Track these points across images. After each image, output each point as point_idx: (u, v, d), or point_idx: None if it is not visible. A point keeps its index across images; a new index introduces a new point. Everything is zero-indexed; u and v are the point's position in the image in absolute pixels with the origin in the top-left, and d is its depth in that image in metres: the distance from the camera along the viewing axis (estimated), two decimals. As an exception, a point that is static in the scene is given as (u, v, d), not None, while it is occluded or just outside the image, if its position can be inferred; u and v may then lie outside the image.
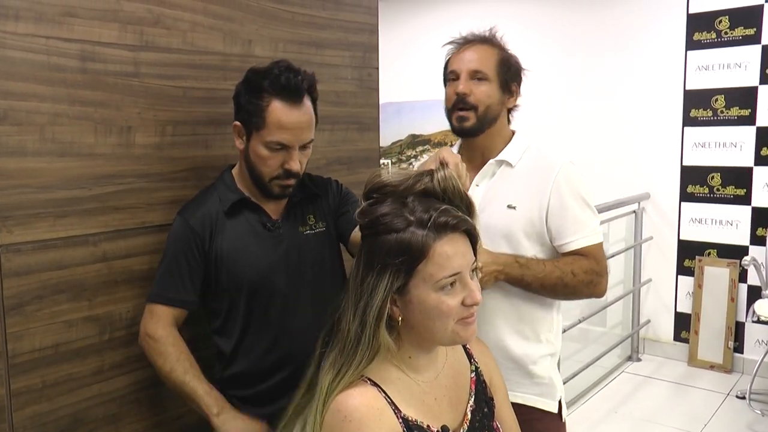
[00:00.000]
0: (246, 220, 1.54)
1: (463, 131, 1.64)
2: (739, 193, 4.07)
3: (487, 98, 1.61)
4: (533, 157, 1.65)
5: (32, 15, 1.36)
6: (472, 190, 1.63)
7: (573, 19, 4.56)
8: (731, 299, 4.09)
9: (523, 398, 1.62)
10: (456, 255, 1.06)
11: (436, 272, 1.05)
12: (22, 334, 1.38)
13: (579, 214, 1.60)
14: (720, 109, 4.09)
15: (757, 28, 3.92)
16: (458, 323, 1.07)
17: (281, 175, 1.49)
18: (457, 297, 1.07)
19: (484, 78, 1.61)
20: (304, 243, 1.58)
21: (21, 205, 1.37)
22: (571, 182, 1.60)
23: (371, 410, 1.03)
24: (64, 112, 1.42)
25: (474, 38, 1.66)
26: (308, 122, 1.48)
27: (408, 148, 5.80)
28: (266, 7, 1.81)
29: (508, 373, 1.59)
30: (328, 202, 1.65)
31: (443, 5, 5.28)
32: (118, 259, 1.54)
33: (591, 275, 1.58)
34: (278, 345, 1.54)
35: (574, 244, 1.59)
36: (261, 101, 1.44)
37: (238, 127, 1.50)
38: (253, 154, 1.48)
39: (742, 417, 3.52)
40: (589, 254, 1.59)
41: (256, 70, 1.48)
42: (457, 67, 1.63)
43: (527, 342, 1.63)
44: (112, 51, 1.49)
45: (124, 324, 1.56)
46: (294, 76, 1.45)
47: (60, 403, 1.46)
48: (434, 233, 1.05)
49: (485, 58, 1.62)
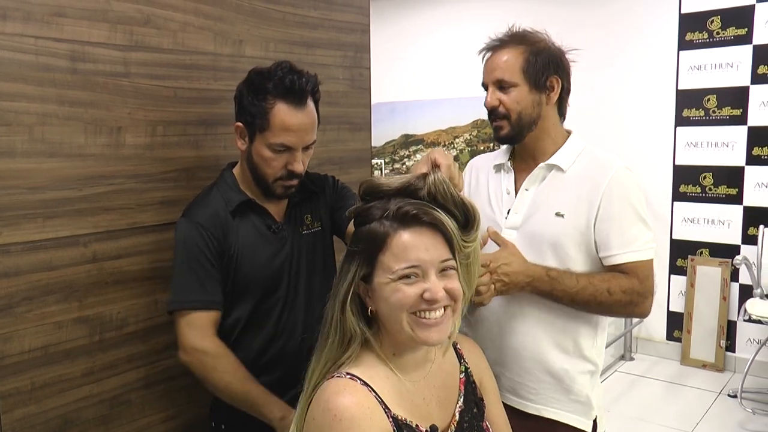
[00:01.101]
0: (251, 222, 1.54)
1: (501, 140, 1.60)
2: (731, 193, 4.09)
3: (517, 104, 1.53)
4: (586, 162, 1.56)
5: (21, 15, 1.35)
6: (520, 194, 1.58)
7: (565, 19, 4.57)
8: (723, 298, 4.11)
9: (557, 414, 1.54)
10: (416, 248, 1.06)
11: (392, 263, 1.06)
12: (11, 336, 1.37)
13: (628, 225, 1.48)
14: (712, 109, 4.11)
15: (748, 28, 3.94)
16: (413, 318, 1.06)
17: (284, 176, 1.49)
18: (417, 288, 1.06)
19: (511, 85, 1.53)
20: (303, 244, 1.60)
21: (10, 206, 1.36)
22: (624, 190, 1.50)
23: (362, 409, 1.03)
24: (53, 113, 1.41)
25: (500, 41, 1.58)
26: (312, 124, 1.49)
27: (401, 148, 5.80)
28: (257, 6, 1.81)
29: (544, 388, 1.54)
30: (325, 198, 1.66)
31: (437, 5, 5.29)
32: (109, 260, 1.53)
33: (630, 295, 1.46)
34: (273, 344, 1.55)
35: (619, 257, 1.47)
36: (265, 103, 1.44)
37: (240, 128, 1.50)
38: (257, 156, 1.48)
39: (733, 415, 3.54)
40: (633, 271, 1.47)
41: (260, 72, 1.48)
42: (485, 79, 1.58)
43: (567, 356, 1.54)
44: (102, 51, 1.49)
45: (114, 325, 1.55)
46: (298, 78, 1.45)
47: (50, 405, 1.45)
48: (397, 224, 1.07)
49: (509, 64, 1.54)
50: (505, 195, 1.62)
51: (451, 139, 5.46)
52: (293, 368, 1.43)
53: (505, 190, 1.62)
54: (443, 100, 5.38)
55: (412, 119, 5.64)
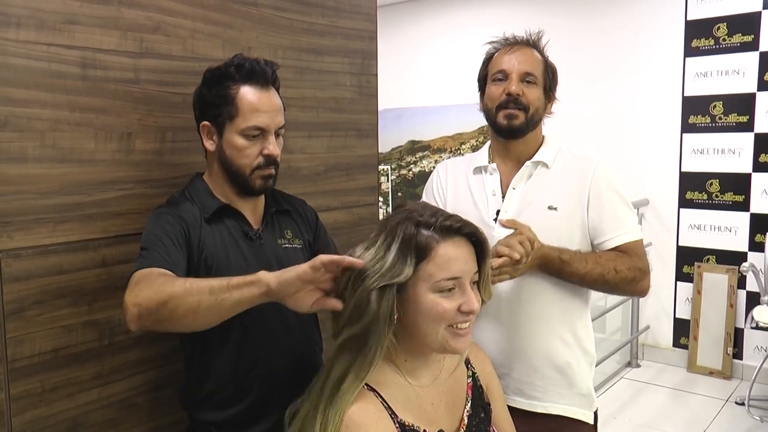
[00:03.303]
0: (227, 228, 1.47)
1: (512, 129, 1.60)
2: (737, 200, 4.08)
3: (537, 101, 1.60)
4: (567, 158, 1.65)
5: (34, 22, 1.37)
6: (509, 194, 1.62)
7: (572, 27, 4.59)
8: (730, 305, 4.10)
9: (564, 410, 1.58)
10: (458, 259, 1.08)
11: (436, 273, 1.06)
12: (22, 339, 1.39)
13: (618, 210, 1.58)
14: (718, 116, 4.11)
15: (755, 34, 3.94)
16: (449, 330, 1.08)
17: (261, 164, 1.44)
18: (455, 302, 1.08)
19: (534, 81, 1.60)
20: (283, 255, 1.52)
21: (21, 211, 1.38)
22: (609, 179, 1.60)
23: (368, 415, 1.04)
24: (64, 119, 1.43)
25: (519, 41, 1.65)
26: (279, 106, 1.46)
27: (407, 154, 5.82)
28: (266, 14, 1.83)
29: (552, 384, 1.57)
30: (307, 223, 1.61)
31: (445, 12, 5.31)
32: (118, 265, 1.54)
33: (635, 272, 1.53)
34: (257, 361, 1.45)
35: (614, 240, 1.56)
36: (229, 90, 1.40)
37: (206, 127, 1.45)
38: (229, 148, 1.43)
39: (741, 423, 3.52)
40: (631, 251, 1.56)
41: (214, 68, 1.45)
42: (507, 67, 1.60)
43: (570, 349, 1.59)
44: (113, 58, 1.50)
45: (123, 329, 1.56)
46: (257, 62, 1.42)
47: (59, 408, 1.46)
48: (439, 235, 1.07)
49: (535, 62, 1.62)
50: (491, 196, 1.65)
51: (458, 145, 5.48)
52: (278, 389, 1.41)
53: (490, 191, 1.65)
54: (450, 107, 5.39)
55: (418, 125, 5.66)
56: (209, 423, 1.46)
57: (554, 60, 1.69)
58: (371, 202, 2.21)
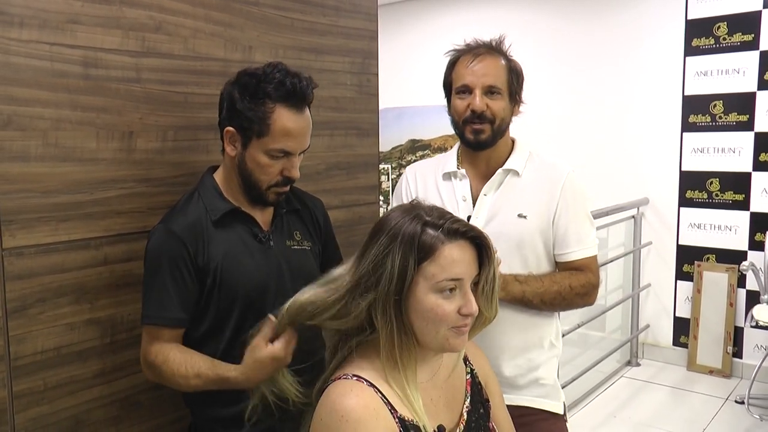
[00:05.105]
0: (236, 231, 1.47)
1: (479, 144, 1.62)
2: (737, 199, 4.09)
3: (502, 111, 1.61)
4: (537, 166, 1.66)
5: (36, 22, 1.38)
6: (480, 200, 1.64)
7: (572, 26, 4.59)
8: (730, 304, 4.11)
9: (531, 401, 1.64)
10: (461, 262, 1.09)
11: (439, 273, 1.07)
12: (25, 337, 1.40)
13: (581, 225, 1.62)
14: (718, 115, 4.11)
15: (755, 33, 3.94)
16: (450, 331, 1.09)
17: (279, 182, 1.44)
18: (455, 304, 1.09)
19: (498, 92, 1.60)
20: (292, 257, 1.52)
21: (24, 210, 1.38)
22: (576, 193, 1.63)
23: (368, 410, 1.05)
24: (66, 118, 1.44)
25: (481, 47, 1.63)
26: (309, 128, 1.45)
27: (408, 153, 5.82)
28: (267, 13, 1.83)
29: (515, 378, 1.63)
30: (313, 227, 1.61)
31: (444, 11, 5.31)
32: (120, 263, 1.55)
33: (587, 288, 1.61)
34: None
35: (574, 254, 1.61)
36: (264, 107, 1.37)
37: (231, 133, 1.42)
38: (252, 162, 1.42)
39: (740, 422, 3.53)
40: (586, 267, 1.62)
41: (252, 73, 1.41)
42: (470, 81, 1.59)
43: (533, 347, 1.65)
44: (115, 57, 1.51)
45: (125, 327, 1.57)
46: (298, 81, 1.40)
47: (61, 406, 1.47)
48: (444, 236, 1.08)
49: (498, 72, 1.60)
50: (461, 202, 1.66)
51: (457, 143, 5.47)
52: None
53: (460, 197, 1.67)
54: (450, 106, 5.39)
55: (419, 124, 5.66)
56: (212, 420, 1.47)
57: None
58: (372, 201, 2.22)
